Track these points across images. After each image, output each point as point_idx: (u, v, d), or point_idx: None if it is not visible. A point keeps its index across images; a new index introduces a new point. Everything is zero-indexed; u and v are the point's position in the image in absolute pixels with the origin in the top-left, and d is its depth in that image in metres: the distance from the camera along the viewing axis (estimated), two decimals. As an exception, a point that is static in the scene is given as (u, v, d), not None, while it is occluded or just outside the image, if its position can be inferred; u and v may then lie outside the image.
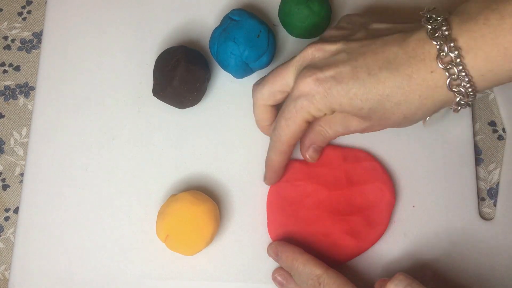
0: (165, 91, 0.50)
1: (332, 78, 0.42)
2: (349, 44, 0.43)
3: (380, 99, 0.41)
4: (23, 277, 0.49)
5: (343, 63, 0.42)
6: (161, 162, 0.52)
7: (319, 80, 0.42)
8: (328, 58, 0.43)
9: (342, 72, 0.42)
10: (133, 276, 0.49)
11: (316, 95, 0.42)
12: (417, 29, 0.41)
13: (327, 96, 0.42)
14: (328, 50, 0.43)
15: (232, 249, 0.49)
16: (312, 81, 0.42)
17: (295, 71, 0.45)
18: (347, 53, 0.42)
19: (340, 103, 0.42)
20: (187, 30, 0.56)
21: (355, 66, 0.41)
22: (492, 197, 0.51)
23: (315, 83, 0.42)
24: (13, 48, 0.59)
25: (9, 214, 0.53)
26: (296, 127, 0.44)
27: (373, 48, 0.42)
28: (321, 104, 0.42)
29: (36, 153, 0.53)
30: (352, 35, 0.44)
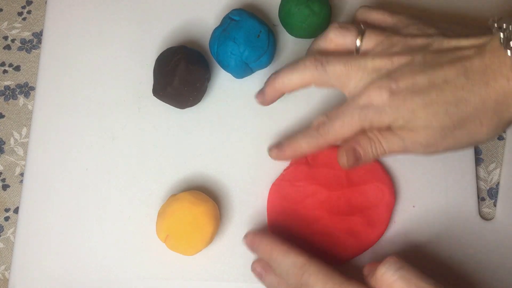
0: (165, 91, 0.50)
1: (407, 89, 0.41)
2: (426, 56, 0.42)
3: (458, 102, 0.40)
4: (23, 277, 0.49)
5: (419, 74, 0.41)
6: (161, 162, 0.52)
7: (393, 92, 0.42)
8: (403, 69, 0.42)
9: (418, 83, 0.41)
10: (133, 276, 0.49)
11: (388, 108, 0.42)
12: (491, 38, 0.41)
13: (399, 107, 0.42)
14: (403, 62, 0.43)
15: (232, 249, 0.49)
16: (387, 93, 0.42)
17: (368, 76, 0.44)
18: (423, 65, 0.42)
19: (413, 110, 0.41)
20: (187, 30, 0.56)
21: (432, 76, 0.41)
22: (492, 197, 0.51)
23: (388, 95, 0.42)
24: (13, 48, 0.59)
25: (9, 214, 0.53)
26: (349, 133, 0.44)
27: (450, 58, 0.41)
28: (389, 117, 0.42)
29: (36, 153, 0.53)
30: (429, 46, 0.43)
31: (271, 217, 0.49)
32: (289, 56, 0.54)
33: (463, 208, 0.49)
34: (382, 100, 0.42)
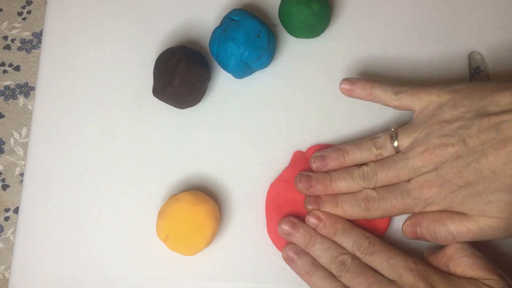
0: (165, 91, 0.50)
1: (455, 183, 0.42)
2: (466, 142, 0.42)
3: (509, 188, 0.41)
4: (23, 277, 0.49)
5: (464, 166, 0.42)
6: (161, 162, 0.52)
7: (441, 186, 0.43)
8: (446, 164, 0.43)
9: (465, 176, 0.42)
10: (133, 276, 0.49)
11: (432, 204, 0.44)
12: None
13: (446, 199, 0.43)
14: (438, 155, 0.43)
15: (232, 249, 0.49)
16: (433, 187, 0.43)
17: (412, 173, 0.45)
18: (466, 158, 0.42)
19: (461, 202, 0.42)
20: (187, 30, 0.56)
21: (477, 166, 0.41)
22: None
23: (439, 190, 0.43)
24: (13, 48, 0.59)
25: (9, 214, 0.53)
26: (388, 214, 0.46)
27: (494, 144, 0.41)
28: (435, 207, 0.44)
29: (36, 153, 0.53)
30: (467, 129, 0.43)
31: (270, 217, 0.49)
32: (289, 56, 0.54)
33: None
34: (432, 193, 0.43)
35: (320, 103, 0.53)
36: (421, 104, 0.46)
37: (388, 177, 0.45)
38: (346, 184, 0.47)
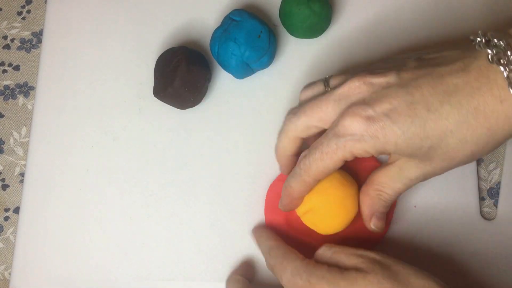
0: (166, 92, 0.50)
1: (384, 115, 0.38)
2: (401, 75, 0.39)
3: (443, 135, 0.37)
4: (24, 277, 0.49)
5: (396, 98, 0.38)
6: (162, 162, 0.52)
7: (370, 119, 0.38)
8: (378, 92, 0.39)
9: (396, 108, 0.38)
10: (133, 277, 0.49)
11: (366, 136, 0.38)
12: (475, 56, 0.37)
13: (379, 137, 0.38)
14: (377, 84, 0.39)
15: (232, 249, 0.49)
16: (363, 120, 0.38)
17: (337, 105, 0.40)
18: (400, 87, 0.38)
19: (395, 143, 0.38)
20: (187, 30, 0.56)
21: (411, 101, 0.37)
22: (492, 197, 0.51)
23: (366, 123, 0.38)
24: (13, 48, 0.59)
25: (9, 214, 0.53)
26: (331, 164, 0.41)
27: (429, 80, 0.38)
28: (370, 146, 0.39)
29: (36, 153, 0.53)
30: (402, 66, 0.40)
31: (269, 217, 0.49)
32: (290, 56, 0.54)
33: (464, 208, 0.49)
34: (359, 127, 0.38)
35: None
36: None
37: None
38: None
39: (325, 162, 0.41)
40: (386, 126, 0.38)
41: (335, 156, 0.40)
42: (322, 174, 0.42)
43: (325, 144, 0.40)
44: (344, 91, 0.40)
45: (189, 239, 0.49)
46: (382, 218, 0.44)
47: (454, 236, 0.48)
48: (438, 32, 0.54)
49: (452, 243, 0.48)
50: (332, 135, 0.40)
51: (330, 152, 0.40)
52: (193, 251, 0.49)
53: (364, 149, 0.39)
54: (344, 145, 0.39)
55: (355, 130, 0.39)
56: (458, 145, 0.37)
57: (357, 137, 0.39)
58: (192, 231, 0.50)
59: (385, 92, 0.39)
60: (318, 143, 0.41)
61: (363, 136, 0.38)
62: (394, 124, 0.37)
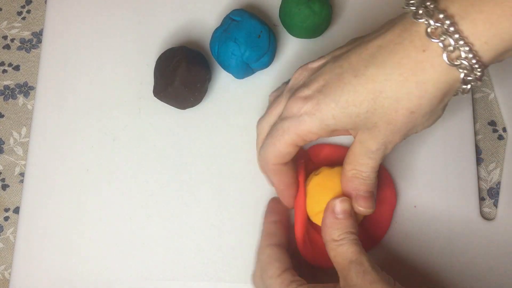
0: (166, 92, 0.50)
1: (318, 92, 0.39)
2: (334, 53, 0.41)
3: (374, 97, 0.37)
4: (23, 277, 0.49)
5: (328, 73, 0.39)
6: (162, 162, 0.52)
7: (307, 98, 0.39)
8: (315, 74, 0.41)
9: (327, 82, 0.39)
10: (133, 277, 0.49)
11: (304, 115, 0.39)
12: (401, 17, 0.38)
13: (316, 113, 0.39)
14: (315, 67, 0.42)
15: (232, 249, 0.49)
16: (300, 100, 0.40)
17: (286, 97, 0.43)
18: (331, 63, 0.40)
19: (332, 115, 0.38)
20: (188, 30, 0.56)
21: (340, 72, 0.38)
22: (492, 197, 0.51)
23: (303, 102, 0.39)
24: (13, 48, 0.59)
25: (9, 214, 0.53)
26: (282, 148, 0.41)
27: (357, 49, 0.39)
28: (311, 125, 0.39)
29: (36, 153, 0.53)
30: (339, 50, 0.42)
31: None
32: (290, 56, 0.54)
33: (464, 208, 0.49)
34: (297, 108, 0.40)
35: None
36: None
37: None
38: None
39: (276, 147, 0.42)
40: (320, 101, 0.39)
41: (282, 139, 0.41)
42: (277, 159, 0.43)
43: (273, 129, 0.42)
44: (291, 83, 0.43)
45: (189, 239, 0.49)
46: (368, 197, 0.42)
47: (454, 236, 0.48)
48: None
49: (452, 243, 0.48)
50: (279, 120, 0.42)
51: (278, 136, 0.41)
52: (193, 251, 0.49)
53: (307, 129, 0.40)
54: (288, 128, 0.40)
55: (295, 111, 0.40)
56: (392, 104, 0.37)
57: (297, 118, 0.40)
58: (192, 231, 0.50)
59: (320, 72, 0.40)
60: (270, 131, 0.43)
61: (302, 116, 0.39)
62: (327, 97, 0.38)
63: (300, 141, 0.41)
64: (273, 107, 0.44)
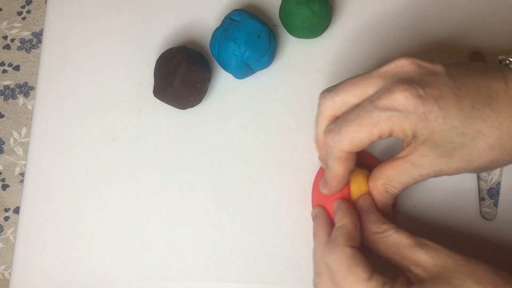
0: (166, 92, 0.50)
1: (433, 99, 0.37)
2: (448, 69, 0.39)
3: (476, 136, 0.37)
4: (23, 277, 0.49)
5: (445, 87, 0.38)
6: (162, 162, 0.52)
7: (420, 97, 0.37)
8: (427, 76, 0.38)
9: (445, 97, 0.37)
10: (133, 277, 0.49)
11: (412, 114, 0.37)
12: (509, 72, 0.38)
13: (423, 119, 0.37)
14: (425, 67, 0.39)
15: (232, 249, 0.49)
16: (413, 96, 0.37)
17: (381, 81, 0.39)
18: (448, 77, 0.38)
19: (433, 130, 0.37)
20: (187, 30, 0.56)
21: (459, 95, 0.37)
22: (492, 197, 0.51)
23: (416, 100, 0.37)
24: (13, 48, 0.59)
25: (9, 214, 0.53)
26: (367, 138, 0.39)
27: (474, 80, 0.38)
28: (411, 126, 0.38)
29: (36, 153, 0.53)
30: (444, 63, 0.39)
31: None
32: (290, 56, 0.54)
33: (465, 208, 0.49)
34: (408, 104, 0.37)
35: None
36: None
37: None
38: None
39: (361, 135, 0.39)
40: (433, 110, 0.37)
41: (374, 129, 0.38)
42: (355, 148, 0.40)
43: (366, 117, 0.38)
44: (391, 68, 0.40)
45: (189, 239, 0.49)
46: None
47: (454, 236, 0.48)
48: (438, 32, 0.54)
49: (452, 243, 0.48)
50: (374, 108, 0.38)
51: (370, 124, 0.38)
52: (193, 251, 0.49)
53: (404, 128, 0.38)
54: (386, 119, 0.38)
55: (404, 106, 0.37)
56: (485, 150, 0.37)
57: (404, 113, 0.37)
58: (192, 231, 0.50)
59: (434, 78, 0.38)
60: (355, 115, 0.39)
61: (409, 114, 0.37)
62: (440, 111, 0.37)
63: (385, 135, 0.39)
64: (356, 84, 0.40)
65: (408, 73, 0.39)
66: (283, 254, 0.48)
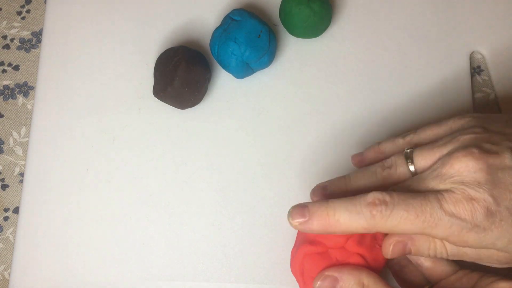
0: (165, 92, 0.50)
1: (508, 211, 0.34)
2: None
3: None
4: (23, 277, 0.49)
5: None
6: (162, 162, 0.52)
7: (491, 212, 0.33)
8: (495, 176, 0.34)
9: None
10: (133, 277, 0.49)
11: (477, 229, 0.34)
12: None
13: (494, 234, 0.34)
14: (493, 165, 0.35)
15: (233, 249, 0.49)
16: (482, 210, 0.34)
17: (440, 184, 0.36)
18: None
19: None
20: (187, 30, 0.56)
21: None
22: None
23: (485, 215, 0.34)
24: (12, 48, 0.59)
25: (8, 214, 0.53)
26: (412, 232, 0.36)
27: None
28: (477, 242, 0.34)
29: (36, 153, 0.53)
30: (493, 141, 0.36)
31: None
32: (290, 56, 0.54)
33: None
34: (475, 217, 0.34)
35: (321, 103, 0.53)
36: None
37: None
38: (349, 216, 0.36)
39: (406, 227, 0.35)
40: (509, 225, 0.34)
41: (422, 228, 0.35)
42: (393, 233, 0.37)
43: (427, 212, 0.34)
44: (453, 171, 0.35)
45: (189, 239, 0.49)
46: (401, 252, 0.38)
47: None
48: (437, 32, 0.54)
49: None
50: (438, 207, 0.34)
51: (421, 214, 0.34)
52: (193, 251, 0.49)
53: (465, 240, 0.34)
54: (449, 227, 0.34)
55: (469, 218, 0.34)
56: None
57: (467, 226, 0.34)
58: (192, 231, 0.50)
59: (504, 187, 0.34)
60: (411, 201, 0.35)
61: (473, 228, 0.34)
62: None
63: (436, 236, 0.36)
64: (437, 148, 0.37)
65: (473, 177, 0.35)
66: (283, 254, 0.48)
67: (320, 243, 0.40)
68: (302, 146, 0.51)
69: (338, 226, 0.36)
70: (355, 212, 0.35)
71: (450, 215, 0.34)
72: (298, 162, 0.51)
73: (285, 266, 0.47)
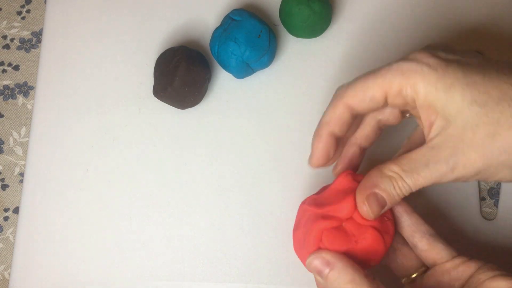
0: (165, 92, 0.49)
1: (455, 61, 0.34)
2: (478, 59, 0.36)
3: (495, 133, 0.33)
4: (23, 277, 0.49)
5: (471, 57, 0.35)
6: (162, 162, 0.52)
7: (438, 57, 0.34)
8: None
9: (468, 62, 0.34)
10: (133, 277, 0.49)
11: (425, 67, 0.34)
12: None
13: (438, 69, 0.34)
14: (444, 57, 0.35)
15: (232, 249, 0.49)
16: (434, 58, 0.34)
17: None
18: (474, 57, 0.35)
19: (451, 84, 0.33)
20: (187, 30, 0.56)
21: (484, 66, 0.34)
22: (492, 196, 0.51)
23: (438, 62, 0.34)
24: (12, 47, 0.59)
25: (8, 214, 0.53)
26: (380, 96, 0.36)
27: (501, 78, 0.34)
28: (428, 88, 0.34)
29: (36, 153, 0.53)
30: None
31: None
32: (290, 56, 0.54)
33: (465, 208, 0.49)
34: (422, 57, 0.35)
35: (321, 103, 0.53)
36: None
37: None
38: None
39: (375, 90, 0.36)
40: (449, 64, 0.34)
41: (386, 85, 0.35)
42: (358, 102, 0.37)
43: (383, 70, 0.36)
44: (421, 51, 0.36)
45: (189, 239, 0.49)
46: (378, 206, 0.37)
47: (454, 236, 0.48)
48: (437, 32, 0.54)
49: (452, 243, 0.48)
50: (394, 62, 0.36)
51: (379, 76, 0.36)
52: (193, 251, 0.49)
53: (418, 88, 0.34)
54: (404, 75, 0.35)
55: (418, 58, 0.35)
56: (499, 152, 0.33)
57: (418, 65, 0.34)
58: (192, 231, 0.50)
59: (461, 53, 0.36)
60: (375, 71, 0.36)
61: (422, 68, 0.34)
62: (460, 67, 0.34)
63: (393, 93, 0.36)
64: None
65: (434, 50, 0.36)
66: (283, 254, 0.48)
67: (333, 217, 0.39)
68: (302, 146, 0.51)
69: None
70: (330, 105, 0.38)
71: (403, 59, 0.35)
72: (298, 162, 0.51)
73: (285, 266, 0.47)
